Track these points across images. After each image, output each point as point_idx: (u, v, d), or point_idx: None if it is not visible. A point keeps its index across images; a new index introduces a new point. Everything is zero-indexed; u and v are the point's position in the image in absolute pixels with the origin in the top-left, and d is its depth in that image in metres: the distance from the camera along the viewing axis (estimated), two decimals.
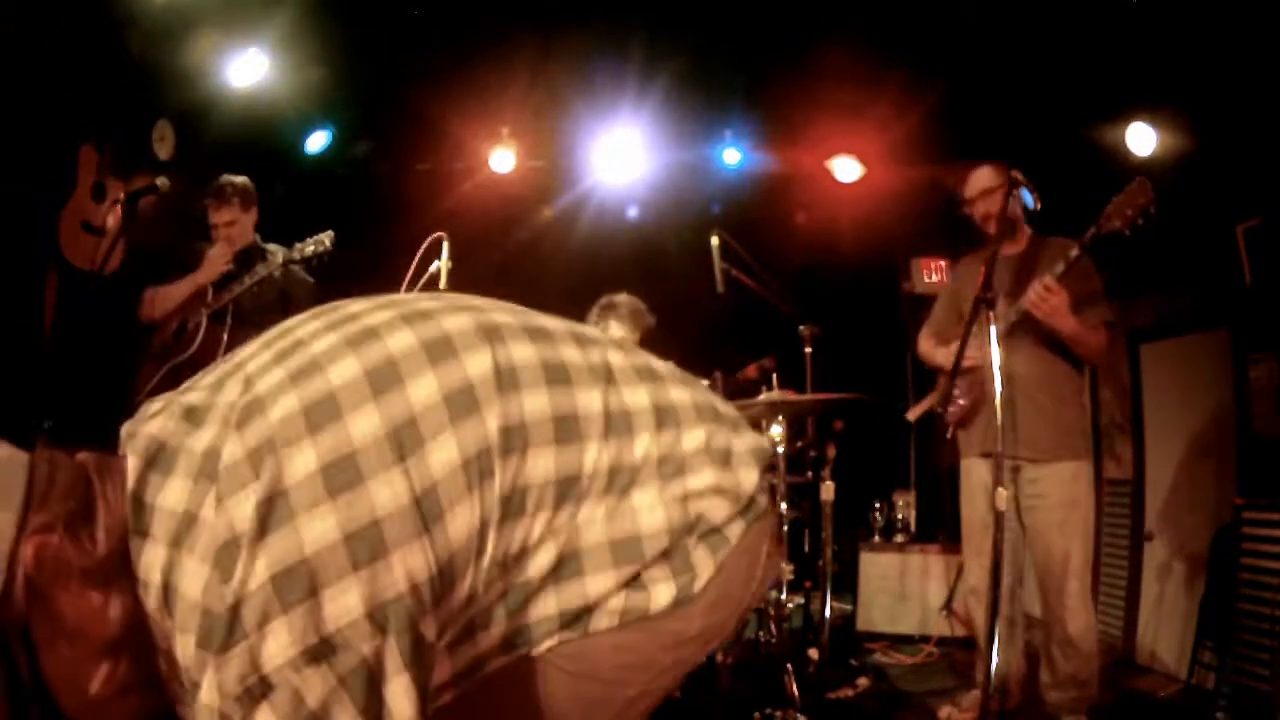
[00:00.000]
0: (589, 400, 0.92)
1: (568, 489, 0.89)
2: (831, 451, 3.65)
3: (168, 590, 0.74)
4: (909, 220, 5.30)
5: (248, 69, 4.01)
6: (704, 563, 0.95)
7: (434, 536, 0.78)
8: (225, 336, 2.99)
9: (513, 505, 0.85)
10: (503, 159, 4.95)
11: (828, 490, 3.37)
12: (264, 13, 3.87)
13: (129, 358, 3.20)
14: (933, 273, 5.45)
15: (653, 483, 0.94)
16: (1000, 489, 2.43)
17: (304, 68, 4.20)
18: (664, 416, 0.97)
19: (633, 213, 5.37)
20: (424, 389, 0.81)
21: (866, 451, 4.45)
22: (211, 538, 0.72)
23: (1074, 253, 2.66)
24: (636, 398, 0.96)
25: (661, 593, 0.93)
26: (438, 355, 0.85)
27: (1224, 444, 3.30)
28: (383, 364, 0.82)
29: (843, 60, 4.04)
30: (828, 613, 3.36)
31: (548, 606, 0.91)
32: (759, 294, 3.31)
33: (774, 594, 3.25)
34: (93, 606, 0.75)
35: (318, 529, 0.72)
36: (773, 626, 3.23)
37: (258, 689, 0.71)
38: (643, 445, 0.94)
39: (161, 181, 2.99)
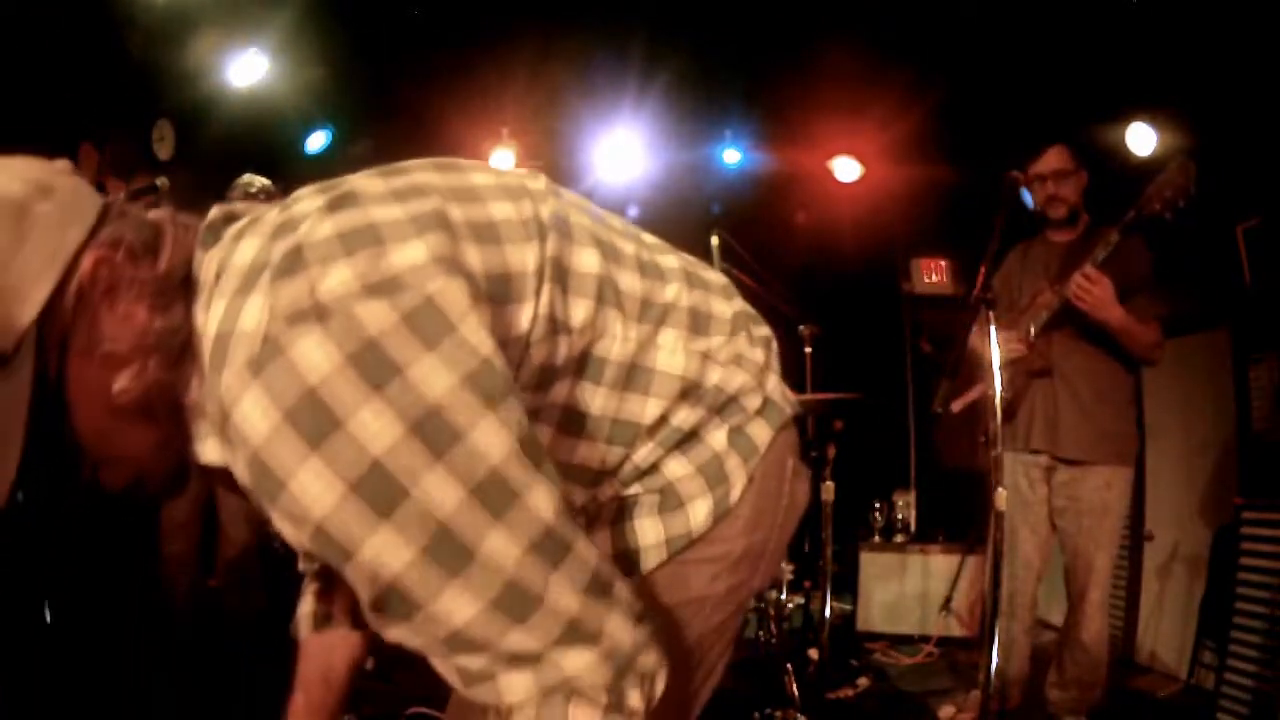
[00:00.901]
0: (624, 244, 0.94)
1: (605, 289, 0.87)
2: (831, 451, 3.65)
3: (223, 327, 0.71)
4: (909, 220, 5.30)
5: (248, 69, 4.01)
6: (737, 472, 0.94)
7: (491, 250, 0.79)
8: None
9: (561, 271, 0.84)
10: (503, 159, 4.95)
11: (828, 490, 3.37)
12: (264, 13, 3.88)
13: None
14: (933, 273, 5.45)
15: (679, 329, 0.93)
16: (1000, 489, 2.43)
17: (304, 68, 4.21)
18: (693, 279, 0.98)
19: (633, 213, 5.36)
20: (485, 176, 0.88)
21: (866, 451, 4.45)
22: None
23: (1114, 237, 2.51)
24: (667, 259, 0.98)
25: (700, 509, 0.92)
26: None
27: (1224, 444, 3.30)
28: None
29: (843, 60, 4.04)
30: (828, 613, 3.36)
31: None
32: (759, 294, 3.31)
33: (774, 594, 3.26)
34: (137, 324, 0.74)
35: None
36: (773, 626, 3.23)
37: (312, 313, 0.67)
38: (673, 291, 0.94)
39: (161, 181, 2.99)
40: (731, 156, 5.21)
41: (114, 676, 2.85)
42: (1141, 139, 3.69)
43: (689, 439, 0.94)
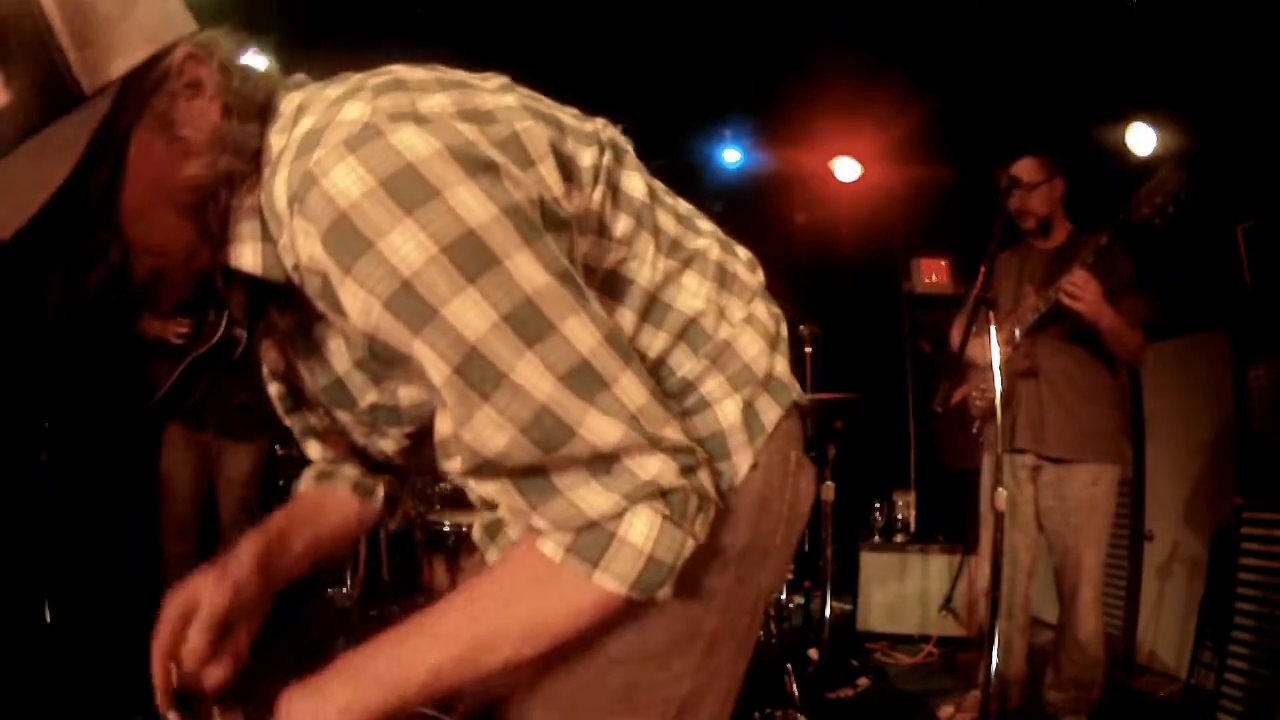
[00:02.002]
0: (665, 195, 0.99)
1: (644, 215, 0.90)
2: (831, 451, 3.66)
3: (317, 125, 0.74)
4: (909, 220, 5.30)
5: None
6: (742, 451, 0.91)
7: (558, 134, 0.83)
8: (244, 333, 2.98)
9: (612, 182, 0.88)
10: None
11: (828, 490, 3.38)
12: (265, 12, 3.87)
13: (131, 358, 3.20)
14: (933, 273, 5.45)
15: (704, 277, 0.94)
16: (999, 489, 2.43)
17: (304, 67, 4.20)
18: (723, 243, 1.00)
19: None
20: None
21: (866, 451, 4.45)
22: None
23: (1103, 241, 2.54)
24: (701, 221, 1.02)
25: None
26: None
27: (1224, 444, 3.30)
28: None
29: (843, 60, 4.04)
30: (828, 613, 3.37)
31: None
32: None
33: (774, 593, 3.25)
34: (212, 122, 0.76)
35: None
36: (773, 626, 3.23)
37: (411, 116, 0.72)
38: (704, 243, 0.97)
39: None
40: (731, 156, 5.21)
41: (113, 676, 2.85)
42: (1141, 139, 3.69)
43: (698, 405, 0.91)
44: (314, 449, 1.13)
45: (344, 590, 3.15)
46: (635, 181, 0.92)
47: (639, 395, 0.77)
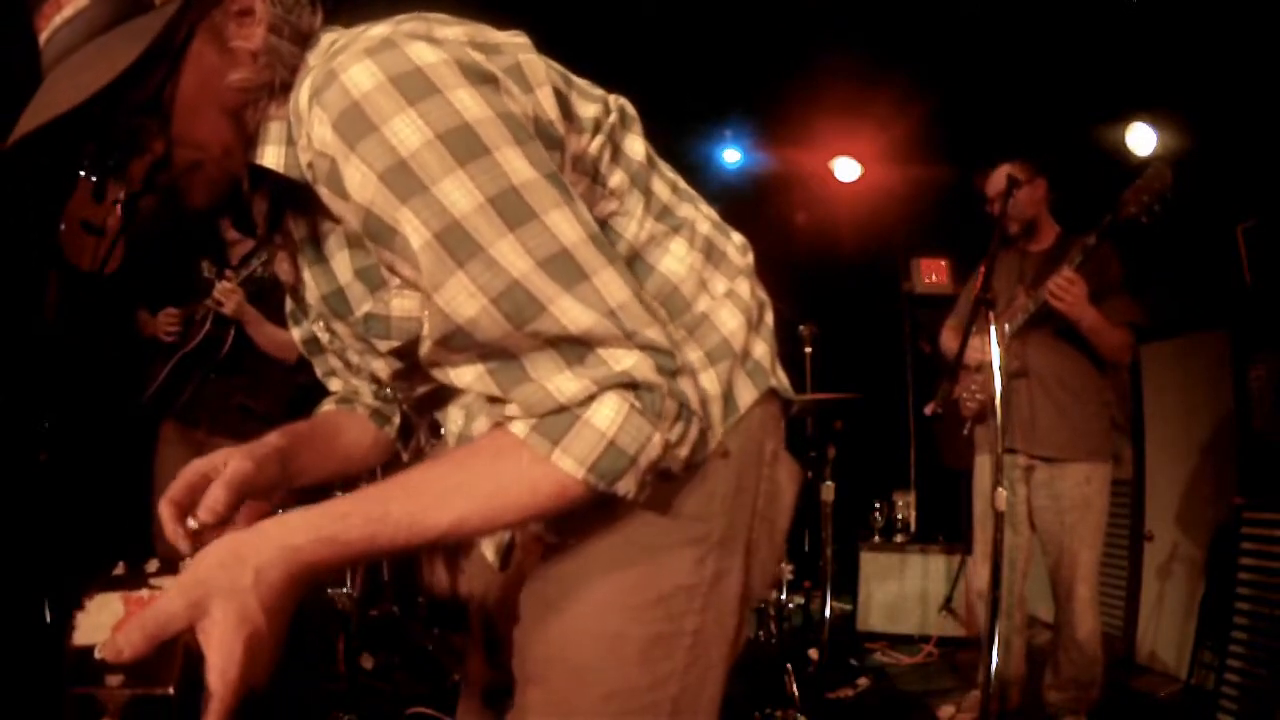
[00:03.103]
0: (665, 168, 1.02)
1: (639, 176, 0.95)
2: (831, 451, 3.66)
3: (340, 44, 0.84)
4: (909, 220, 5.30)
5: None
6: (717, 425, 0.91)
7: (564, 84, 0.91)
8: (233, 330, 2.98)
9: (613, 139, 0.93)
10: None
11: (828, 490, 3.38)
12: None
13: (130, 358, 3.20)
14: (933, 273, 5.45)
15: (691, 246, 0.96)
16: (1000, 489, 2.43)
17: None
18: (716, 222, 1.03)
19: None
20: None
21: (866, 451, 4.46)
22: None
23: (1091, 241, 2.58)
24: (699, 201, 1.04)
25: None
26: None
27: (1224, 444, 3.30)
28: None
29: (843, 60, 4.04)
30: (828, 613, 3.37)
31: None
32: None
33: (774, 594, 3.26)
34: (260, 39, 0.86)
35: None
36: (773, 626, 3.24)
37: (426, 37, 0.80)
38: (694, 214, 0.99)
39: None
40: (731, 156, 5.21)
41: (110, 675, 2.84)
42: (1141, 139, 3.69)
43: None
44: (335, 385, 1.19)
45: (344, 590, 3.15)
46: (636, 145, 0.96)
47: (620, 292, 0.79)
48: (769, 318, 1.03)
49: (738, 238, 1.05)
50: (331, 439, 1.14)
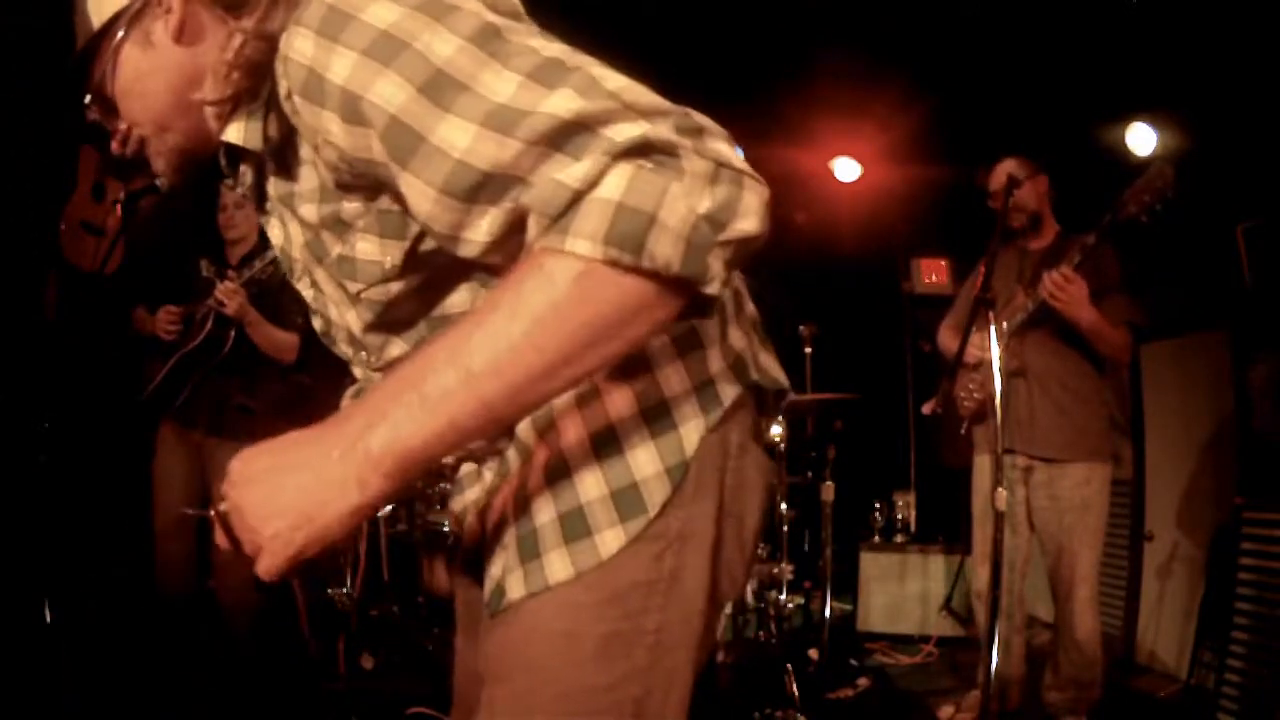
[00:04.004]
0: None
1: None
2: (831, 451, 3.66)
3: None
4: (909, 220, 5.30)
5: None
6: (693, 421, 0.86)
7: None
8: (233, 330, 2.98)
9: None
10: None
11: (828, 490, 3.38)
12: None
13: (129, 357, 3.20)
14: (933, 273, 5.45)
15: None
16: (1000, 489, 2.43)
17: None
18: None
19: None
20: None
21: (866, 451, 4.46)
22: None
23: (1090, 240, 2.58)
24: None
25: (643, 460, 0.85)
26: None
27: (1224, 444, 3.30)
28: None
29: (843, 60, 4.04)
30: (828, 613, 3.37)
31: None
32: (759, 294, 3.31)
33: (774, 594, 3.26)
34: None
35: None
36: (773, 626, 3.24)
37: None
38: None
39: (162, 182, 2.97)
40: None
41: (112, 675, 2.85)
42: (1141, 139, 3.69)
43: (637, 365, 0.86)
44: (359, 371, 1.16)
45: (344, 590, 3.15)
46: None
47: (615, 79, 0.74)
48: (749, 307, 0.99)
49: None
50: None
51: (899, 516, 4.63)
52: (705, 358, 0.89)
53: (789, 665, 2.95)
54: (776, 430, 3.16)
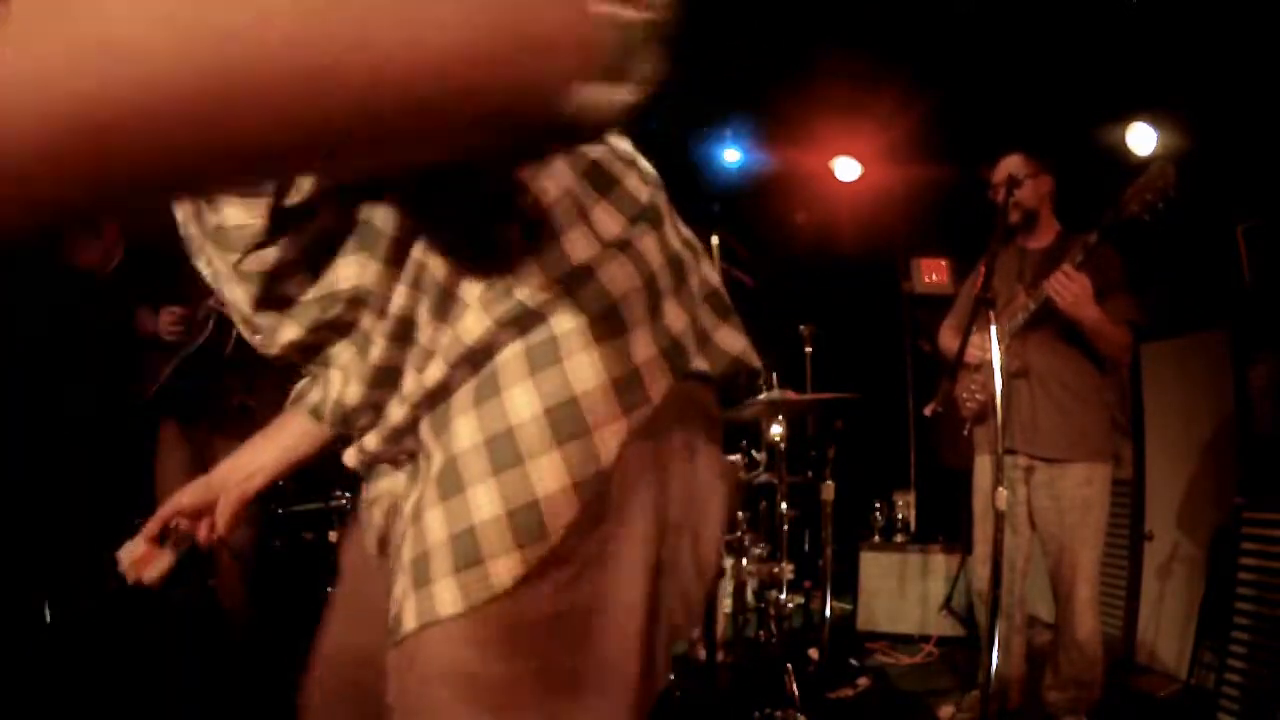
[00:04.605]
0: None
1: None
2: (831, 451, 3.66)
3: None
4: (909, 220, 5.31)
5: None
6: (611, 424, 0.70)
7: None
8: (234, 330, 2.98)
9: None
10: None
11: (828, 490, 3.37)
12: None
13: (129, 357, 3.20)
14: (933, 273, 5.45)
15: (569, 166, 0.74)
16: (1000, 489, 2.43)
17: None
18: (623, 152, 0.82)
19: None
20: None
21: (866, 451, 4.46)
22: None
23: (1092, 239, 2.58)
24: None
25: (544, 470, 0.69)
26: None
27: (1224, 444, 3.30)
28: None
29: (843, 60, 4.04)
30: (828, 613, 3.37)
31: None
32: (758, 294, 3.31)
33: (774, 594, 3.26)
34: None
35: None
36: (773, 626, 3.23)
37: None
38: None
39: None
40: (731, 156, 5.21)
41: (111, 676, 2.85)
42: (1141, 139, 3.69)
43: (546, 352, 0.70)
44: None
45: None
46: None
47: None
48: (702, 274, 0.82)
49: (646, 166, 0.83)
50: (273, 439, 1.12)
51: (899, 516, 4.63)
52: (628, 344, 0.71)
53: (789, 665, 2.95)
54: (776, 430, 3.16)
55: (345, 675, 0.86)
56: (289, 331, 0.78)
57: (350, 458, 0.84)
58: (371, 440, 0.79)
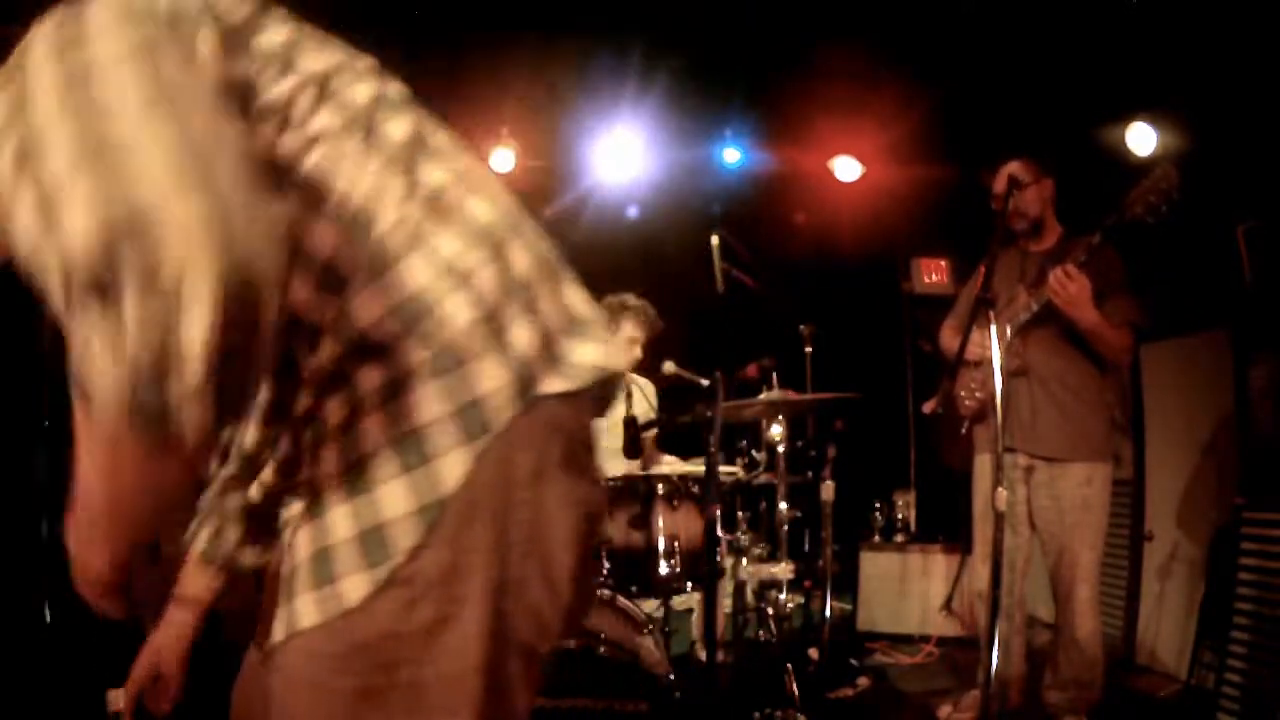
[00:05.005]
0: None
1: (360, 119, 0.80)
2: (831, 451, 3.66)
3: None
4: (909, 220, 5.31)
5: None
6: (454, 452, 0.74)
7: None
8: None
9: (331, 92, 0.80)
10: (503, 159, 4.95)
11: (828, 490, 3.37)
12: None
13: None
14: (933, 273, 5.45)
15: (408, 196, 0.79)
16: (1000, 489, 2.43)
17: None
18: (473, 178, 0.86)
19: (633, 213, 5.36)
20: None
21: (866, 451, 4.46)
22: None
23: (1095, 239, 2.58)
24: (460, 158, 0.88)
25: (395, 497, 0.75)
26: None
27: (1224, 444, 3.30)
28: None
29: (843, 60, 4.04)
30: (828, 613, 3.37)
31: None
32: (759, 294, 3.31)
33: (774, 594, 3.26)
34: None
35: None
36: (773, 626, 3.23)
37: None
38: (439, 177, 0.82)
39: None
40: (731, 156, 5.21)
41: (111, 676, 2.85)
42: (1141, 139, 3.69)
43: (395, 386, 0.74)
44: None
45: None
46: (361, 91, 0.83)
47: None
48: (556, 291, 0.85)
49: (493, 188, 0.88)
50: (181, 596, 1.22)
51: (899, 516, 4.63)
52: (470, 374, 0.75)
53: (789, 665, 2.94)
54: (776, 430, 3.16)
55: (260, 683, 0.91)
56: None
57: (254, 493, 0.89)
58: (267, 474, 0.86)
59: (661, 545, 2.58)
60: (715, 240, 3.25)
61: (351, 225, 0.75)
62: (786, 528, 3.32)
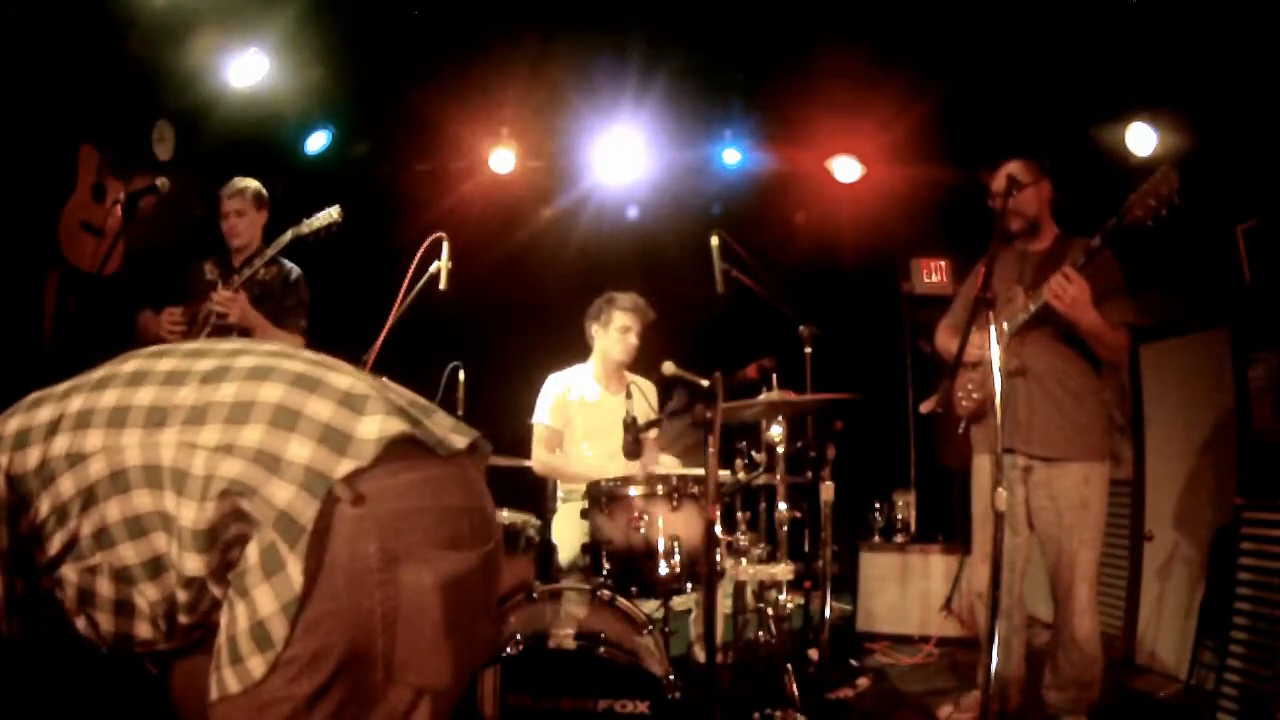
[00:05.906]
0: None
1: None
2: (831, 451, 3.65)
3: None
4: (909, 220, 5.30)
5: (248, 69, 4.01)
6: (293, 564, 0.96)
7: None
8: (235, 333, 2.98)
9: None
10: (502, 159, 4.95)
11: (828, 490, 3.37)
12: (264, 13, 3.87)
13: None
14: (933, 273, 5.45)
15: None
16: (1000, 489, 2.42)
17: (304, 68, 4.20)
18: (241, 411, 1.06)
19: (633, 213, 5.37)
20: None
21: (866, 451, 4.45)
22: None
23: (1095, 242, 2.58)
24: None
25: (264, 600, 0.96)
26: None
27: (1224, 444, 3.30)
28: None
29: (843, 60, 4.05)
30: (828, 613, 3.37)
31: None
32: (759, 294, 3.31)
33: (774, 594, 3.26)
34: None
35: None
36: (773, 626, 3.23)
37: None
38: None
39: (161, 182, 2.99)
40: (731, 156, 5.20)
41: (111, 676, 2.84)
42: (1141, 139, 3.69)
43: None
44: None
45: None
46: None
47: None
48: (328, 385, 1.07)
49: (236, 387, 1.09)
50: None
51: (899, 516, 4.63)
52: (265, 495, 0.98)
53: (789, 665, 2.94)
54: (776, 431, 3.16)
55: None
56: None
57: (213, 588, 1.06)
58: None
59: (661, 546, 2.58)
60: (715, 241, 3.25)
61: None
62: (786, 528, 3.32)
